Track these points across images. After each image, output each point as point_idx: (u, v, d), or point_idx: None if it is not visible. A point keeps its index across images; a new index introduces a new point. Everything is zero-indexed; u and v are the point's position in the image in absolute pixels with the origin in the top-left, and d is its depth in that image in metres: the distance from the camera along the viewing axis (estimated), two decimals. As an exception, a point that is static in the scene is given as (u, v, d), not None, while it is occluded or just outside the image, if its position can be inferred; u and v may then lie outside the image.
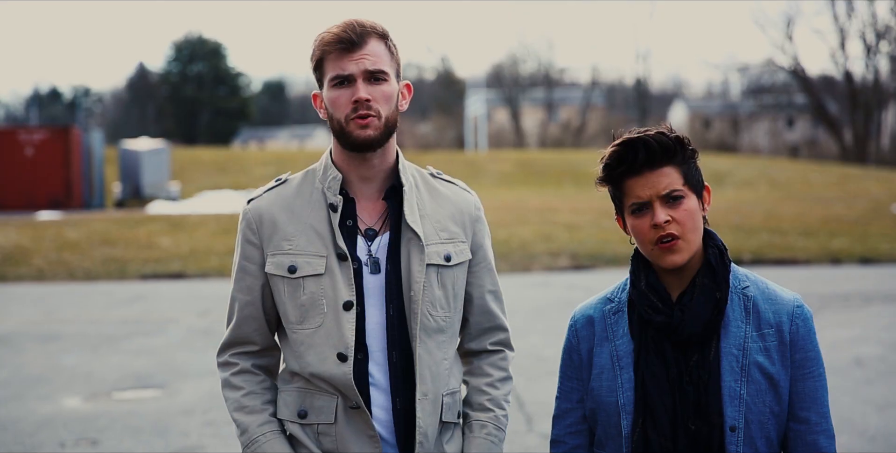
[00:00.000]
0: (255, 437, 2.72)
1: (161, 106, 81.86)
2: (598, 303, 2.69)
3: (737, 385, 2.47)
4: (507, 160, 46.29)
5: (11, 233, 20.70)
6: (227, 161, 45.00)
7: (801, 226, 22.31)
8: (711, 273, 2.53)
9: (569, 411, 2.68)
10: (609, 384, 2.56)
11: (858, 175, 40.07)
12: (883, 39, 58.50)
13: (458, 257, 2.79)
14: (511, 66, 77.59)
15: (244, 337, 2.79)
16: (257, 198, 2.81)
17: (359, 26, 2.69)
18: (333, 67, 2.68)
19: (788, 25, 68.89)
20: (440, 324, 2.75)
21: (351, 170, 2.76)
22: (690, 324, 2.47)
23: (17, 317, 12.41)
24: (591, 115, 74.59)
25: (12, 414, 7.74)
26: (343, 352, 2.66)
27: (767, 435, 2.49)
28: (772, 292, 2.57)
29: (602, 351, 2.61)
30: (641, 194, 2.50)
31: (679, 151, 2.52)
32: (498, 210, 24.79)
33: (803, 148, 71.71)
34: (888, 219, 24.09)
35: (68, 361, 9.69)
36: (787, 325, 2.52)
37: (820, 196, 31.27)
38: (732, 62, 79.00)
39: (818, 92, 60.71)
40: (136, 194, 32.56)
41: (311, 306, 2.70)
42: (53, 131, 31.42)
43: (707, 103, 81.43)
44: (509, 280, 15.12)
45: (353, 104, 2.66)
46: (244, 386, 2.77)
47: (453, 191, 2.88)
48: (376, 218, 2.76)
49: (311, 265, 2.70)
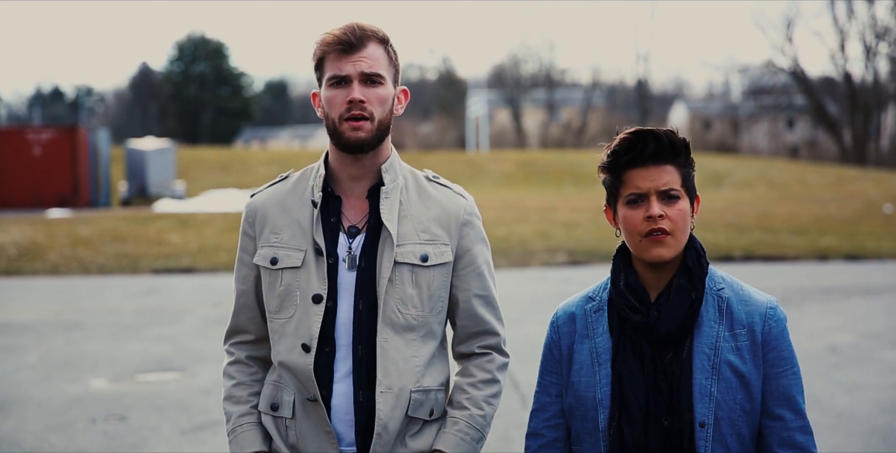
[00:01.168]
0: (234, 427, 2.85)
1: (163, 105, 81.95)
2: (580, 301, 2.75)
3: (707, 383, 2.53)
4: (508, 160, 46.78)
5: (26, 230, 21.32)
6: (231, 160, 45.59)
7: (792, 225, 22.92)
8: (688, 274, 2.59)
9: (547, 405, 2.74)
10: (588, 380, 2.63)
11: (856, 176, 40.48)
12: (882, 41, 58.83)
13: (437, 258, 2.83)
14: (512, 67, 77.84)
15: (241, 326, 2.93)
16: (258, 193, 2.96)
17: (359, 29, 2.77)
18: (332, 68, 2.76)
19: (788, 27, 68.91)
20: (410, 323, 2.79)
21: (342, 169, 2.84)
22: (666, 324, 2.54)
23: (39, 308, 13.01)
24: (592, 116, 74.86)
25: (44, 393, 8.33)
26: (307, 343, 2.75)
27: (738, 433, 2.55)
28: (746, 294, 2.64)
29: (582, 348, 2.67)
30: (641, 185, 2.55)
31: (684, 153, 2.59)
32: (498, 209, 25.41)
33: (803, 149, 71.77)
34: (878, 218, 24.68)
35: (91, 347, 10.29)
36: (760, 326, 2.58)
37: (815, 196, 31.75)
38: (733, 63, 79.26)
39: (818, 93, 60.92)
40: (142, 193, 33.11)
41: (286, 297, 2.80)
42: (61, 131, 31.95)
43: (707, 104, 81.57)
44: (508, 275, 15.75)
45: (348, 104, 2.74)
46: (235, 377, 2.90)
47: (445, 195, 2.92)
48: (360, 216, 2.84)
49: (291, 258, 2.80)
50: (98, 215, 26.19)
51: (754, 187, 37.88)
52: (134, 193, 33.16)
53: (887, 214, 25.72)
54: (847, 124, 60.06)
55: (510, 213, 25.01)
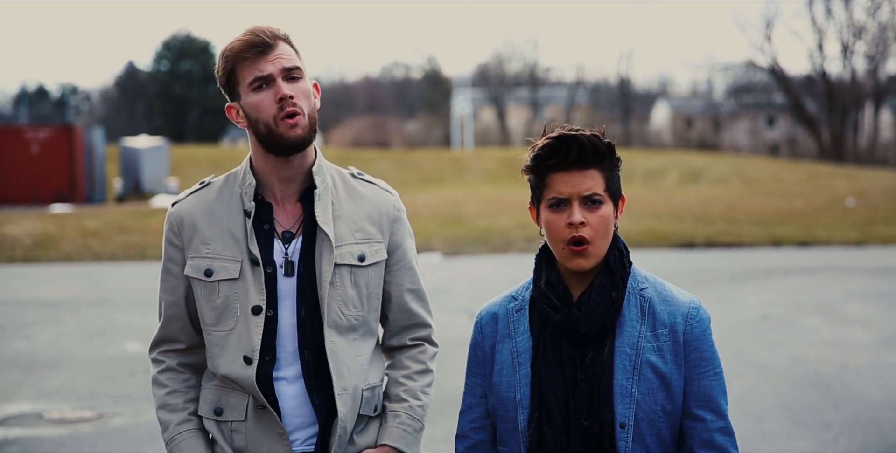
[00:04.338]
0: (174, 436, 2.79)
1: (150, 104, 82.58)
2: (502, 301, 2.73)
3: (628, 383, 2.51)
4: (492, 158, 47.76)
5: (37, 223, 22.75)
6: (221, 158, 46.83)
7: (755, 216, 24.53)
8: (609, 273, 2.57)
9: (473, 406, 2.72)
10: (508, 380, 2.60)
11: (829, 173, 41.59)
12: (859, 40, 59.71)
13: (373, 257, 2.82)
14: (497, 66, 78.18)
15: (170, 335, 2.85)
16: (181, 201, 2.85)
17: (267, 30, 2.71)
18: (251, 71, 2.69)
19: (767, 27, 69.37)
20: (352, 323, 2.78)
21: (272, 174, 2.78)
22: (586, 323, 2.52)
23: (66, 288, 14.47)
24: (576, 114, 75.33)
25: (86, 354, 9.74)
26: (248, 356, 2.71)
27: (659, 433, 2.54)
28: (669, 294, 2.62)
29: (503, 348, 2.65)
30: (563, 190, 2.53)
31: (608, 157, 2.55)
32: (481, 204, 26.91)
33: (783, 146, 72.11)
34: (838, 211, 26.28)
35: (121, 318, 11.74)
36: (682, 326, 2.57)
37: (786, 191, 33.11)
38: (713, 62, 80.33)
39: (797, 92, 61.71)
40: (137, 189, 34.18)
41: (225, 310, 2.74)
42: (58, 129, 33.04)
43: (689, 102, 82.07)
44: (488, 260, 17.25)
45: (279, 103, 2.67)
46: (168, 385, 2.83)
47: (373, 192, 2.89)
48: (293, 220, 2.79)
49: (227, 269, 2.74)
50: (100, 210, 27.60)
51: (730, 183, 38.99)
52: (128, 190, 34.26)
53: (849, 208, 27.27)
54: (826, 122, 60.83)
55: (492, 207, 26.48)
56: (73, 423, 7.40)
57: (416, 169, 44.08)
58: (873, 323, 11.17)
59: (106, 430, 7.23)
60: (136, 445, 6.87)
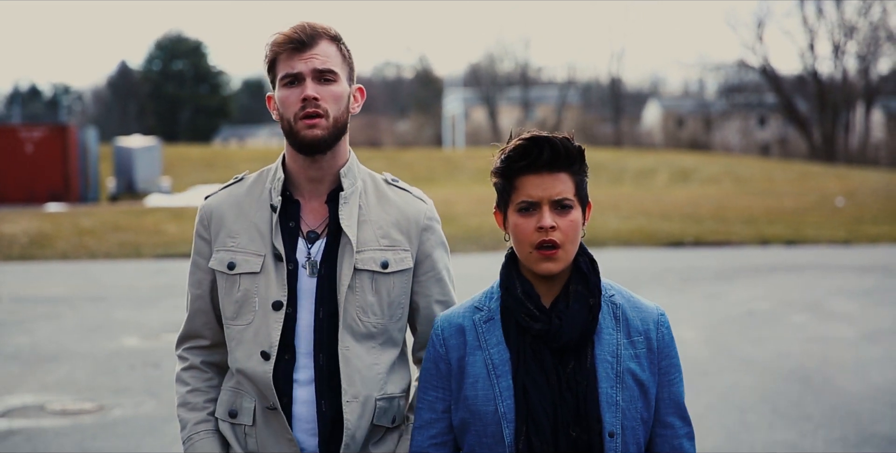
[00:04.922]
0: (191, 435, 2.78)
1: (142, 104, 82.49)
2: (465, 312, 2.64)
3: (613, 391, 2.49)
4: (483, 157, 47.47)
5: (33, 221, 22.91)
6: (214, 157, 47.05)
7: (745, 215, 24.79)
8: (584, 280, 2.55)
9: (433, 421, 2.62)
10: (485, 393, 2.52)
11: (819, 172, 41.77)
12: (850, 39, 60.03)
13: (397, 265, 2.77)
14: (488, 66, 78.29)
15: (195, 330, 2.85)
16: (213, 195, 2.87)
17: (309, 28, 2.71)
18: (284, 67, 2.70)
19: (759, 26, 69.39)
20: (370, 330, 2.74)
21: (300, 172, 2.77)
22: (568, 331, 2.48)
23: (64, 285, 14.65)
24: (567, 114, 75.59)
25: (86, 349, 9.93)
26: (266, 351, 2.69)
27: (638, 441, 2.53)
28: (636, 300, 2.62)
29: (475, 360, 2.56)
30: (533, 194, 2.49)
31: (578, 161, 2.52)
32: (473, 203, 27.13)
33: (774, 146, 72.25)
34: (826, 210, 26.54)
35: (119, 314, 11.93)
36: (654, 333, 2.57)
37: (776, 191, 33.32)
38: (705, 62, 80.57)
39: (788, 91, 61.85)
40: (130, 189, 34.20)
41: (244, 303, 2.73)
42: (52, 129, 33.02)
43: (680, 102, 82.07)
44: (480, 258, 17.42)
45: (302, 102, 2.67)
46: (190, 383, 2.82)
47: (405, 199, 2.85)
48: (320, 221, 2.78)
49: (249, 263, 2.73)
50: (94, 209, 27.75)
51: (720, 183, 39.14)
52: (122, 189, 34.30)
53: (838, 207, 27.54)
54: (817, 122, 61.02)
55: (484, 206, 26.66)
56: (74, 415, 7.60)
57: (407, 168, 44.25)
58: (857, 319, 11.44)
59: (106, 421, 7.43)
60: (137, 435, 7.07)
